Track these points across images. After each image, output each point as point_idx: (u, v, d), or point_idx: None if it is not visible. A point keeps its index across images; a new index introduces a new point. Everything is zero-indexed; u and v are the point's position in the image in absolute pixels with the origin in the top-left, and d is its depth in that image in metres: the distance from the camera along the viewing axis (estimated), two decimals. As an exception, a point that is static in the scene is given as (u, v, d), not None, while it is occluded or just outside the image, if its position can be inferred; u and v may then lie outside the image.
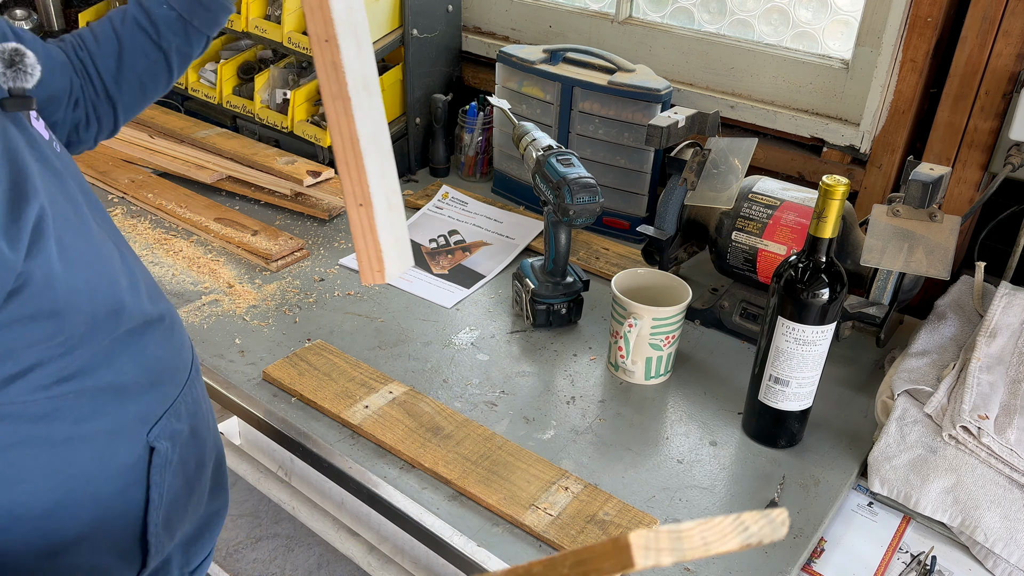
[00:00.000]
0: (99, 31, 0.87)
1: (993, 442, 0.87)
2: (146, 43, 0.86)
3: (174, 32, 0.86)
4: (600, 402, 1.03)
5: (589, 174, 1.08)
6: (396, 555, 1.07)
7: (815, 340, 0.87)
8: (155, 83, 0.90)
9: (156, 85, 0.90)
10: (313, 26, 0.72)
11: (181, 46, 0.87)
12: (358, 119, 0.74)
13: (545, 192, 1.11)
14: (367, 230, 0.77)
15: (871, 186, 1.23)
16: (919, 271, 0.96)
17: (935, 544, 0.86)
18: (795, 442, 0.96)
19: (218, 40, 1.73)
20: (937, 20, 1.10)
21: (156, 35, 0.86)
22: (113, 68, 0.87)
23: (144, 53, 0.86)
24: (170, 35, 0.86)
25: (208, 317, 1.16)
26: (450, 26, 1.59)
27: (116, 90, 0.88)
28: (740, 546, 0.39)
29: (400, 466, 0.91)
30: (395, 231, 0.80)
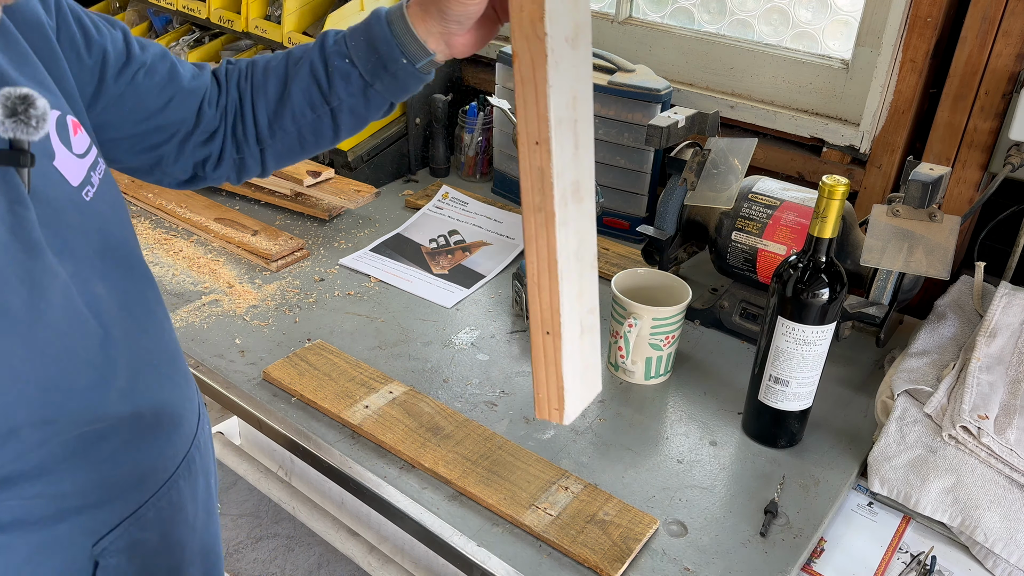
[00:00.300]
0: (270, 67, 0.79)
1: (993, 442, 0.87)
2: (315, 95, 0.76)
3: (350, 92, 0.76)
4: (600, 402, 1.03)
5: (589, 174, 1.08)
6: (396, 555, 1.07)
7: (815, 340, 0.87)
8: (316, 139, 0.80)
9: (317, 141, 0.80)
10: (524, 123, 0.61)
11: (356, 107, 0.77)
12: (560, 238, 0.64)
13: (545, 192, 1.11)
14: (550, 362, 0.68)
15: (871, 186, 1.24)
16: (919, 271, 0.96)
17: (935, 544, 0.86)
18: (795, 442, 0.96)
19: (218, 40, 1.73)
20: (937, 20, 1.10)
21: (328, 90, 0.76)
22: (271, 112, 0.79)
23: (310, 105, 0.77)
24: (344, 94, 0.76)
25: (208, 317, 1.16)
26: (450, 26, 1.59)
27: (269, 135, 0.80)
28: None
29: (400, 466, 0.91)
30: (584, 358, 0.71)
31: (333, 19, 1.41)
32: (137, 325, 0.66)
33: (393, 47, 0.73)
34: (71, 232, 0.59)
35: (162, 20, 1.84)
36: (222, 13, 1.56)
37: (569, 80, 0.62)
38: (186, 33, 1.79)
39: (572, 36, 0.62)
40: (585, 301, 0.70)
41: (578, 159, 0.65)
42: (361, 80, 0.75)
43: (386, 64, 0.74)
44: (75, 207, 0.60)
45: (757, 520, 0.86)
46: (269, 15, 1.55)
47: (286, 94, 0.78)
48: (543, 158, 0.61)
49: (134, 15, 1.86)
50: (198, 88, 0.79)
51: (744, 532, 0.84)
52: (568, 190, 0.64)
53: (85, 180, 0.62)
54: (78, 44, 0.68)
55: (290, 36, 1.47)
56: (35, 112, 0.52)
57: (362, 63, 0.74)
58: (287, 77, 0.78)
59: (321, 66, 0.76)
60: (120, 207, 0.68)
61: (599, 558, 0.79)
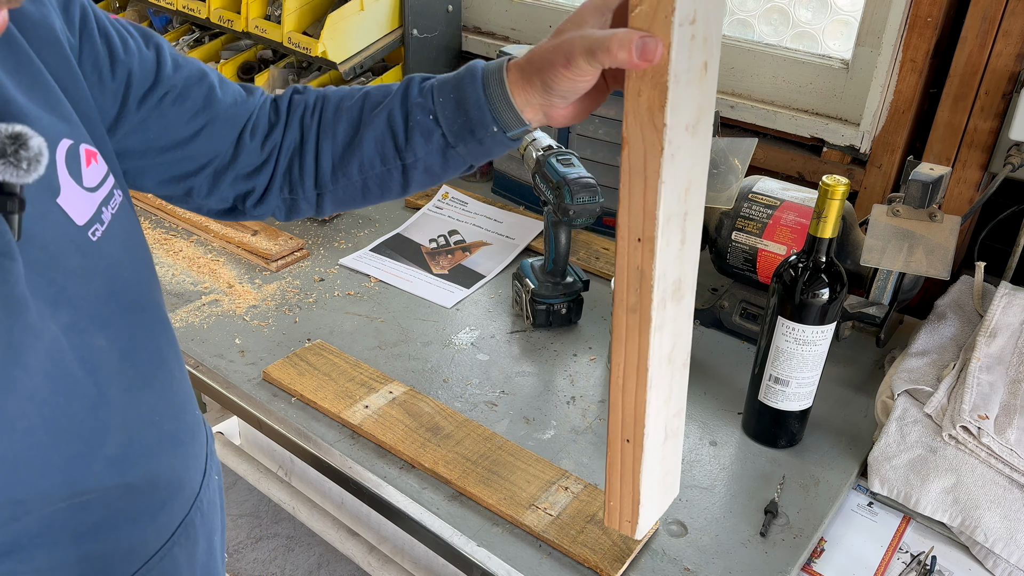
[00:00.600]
0: (343, 107, 0.72)
1: (993, 442, 0.87)
2: (389, 148, 0.69)
3: (429, 151, 0.68)
4: (600, 402, 1.03)
5: (589, 174, 1.08)
6: (396, 555, 1.07)
7: (815, 340, 0.87)
8: (382, 191, 0.73)
9: (383, 194, 0.73)
10: (627, 216, 0.55)
11: (432, 166, 0.69)
12: (654, 343, 0.58)
13: (545, 192, 1.11)
14: (627, 472, 0.64)
15: (871, 186, 1.23)
16: (919, 271, 0.96)
17: (935, 544, 0.86)
18: (795, 442, 0.96)
19: (218, 40, 1.73)
20: (937, 20, 1.10)
21: (404, 145, 0.69)
22: (337, 158, 0.71)
23: (382, 157, 0.70)
24: (422, 152, 0.68)
25: (208, 317, 1.16)
26: (450, 26, 1.59)
27: (331, 182, 0.73)
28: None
29: (400, 466, 0.91)
30: (665, 465, 0.66)
31: (333, 19, 1.41)
32: (140, 379, 0.60)
33: (485, 113, 0.65)
34: (70, 278, 0.54)
35: (162, 20, 1.84)
36: (222, 13, 1.56)
37: (684, 171, 0.56)
38: (186, 33, 1.79)
39: (694, 123, 0.56)
40: (673, 404, 0.65)
41: (683, 255, 0.59)
42: (443, 140, 0.67)
43: (474, 129, 0.66)
44: (77, 249, 0.54)
45: (757, 520, 0.86)
46: (269, 15, 1.55)
47: (357, 140, 0.70)
48: (645, 258, 0.55)
49: (134, 15, 1.86)
50: (238, 116, 0.72)
51: (744, 532, 0.84)
52: (669, 291, 0.58)
53: (94, 218, 0.56)
54: (101, 64, 0.62)
55: (290, 36, 1.47)
56: (26, 154, 0.47)
57: (447, 123, 0.67)
58: (360, 122, 0.70)
59: (401, 118, 0.68)
60: (135, 244, 0.62)
61: (599, 558, 0.79)
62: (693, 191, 0.57)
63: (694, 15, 0.52)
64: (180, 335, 1.11)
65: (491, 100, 0.64)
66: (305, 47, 1.45)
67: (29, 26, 0.55)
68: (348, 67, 1.44)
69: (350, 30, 1.44)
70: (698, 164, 0.57)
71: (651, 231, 0.55)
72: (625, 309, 0.58)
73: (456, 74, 0.67)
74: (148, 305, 0.62)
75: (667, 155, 0.53)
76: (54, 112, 0.55)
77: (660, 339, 0.59)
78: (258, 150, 0.72)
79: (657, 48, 0.51)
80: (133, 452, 0.59)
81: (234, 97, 0.72)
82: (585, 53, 0.57)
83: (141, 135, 0.67)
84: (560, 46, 0.59)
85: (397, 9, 1.49)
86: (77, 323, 0.54)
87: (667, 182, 0.54)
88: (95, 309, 0.56)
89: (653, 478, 0.65)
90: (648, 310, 0.57)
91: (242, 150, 0.72)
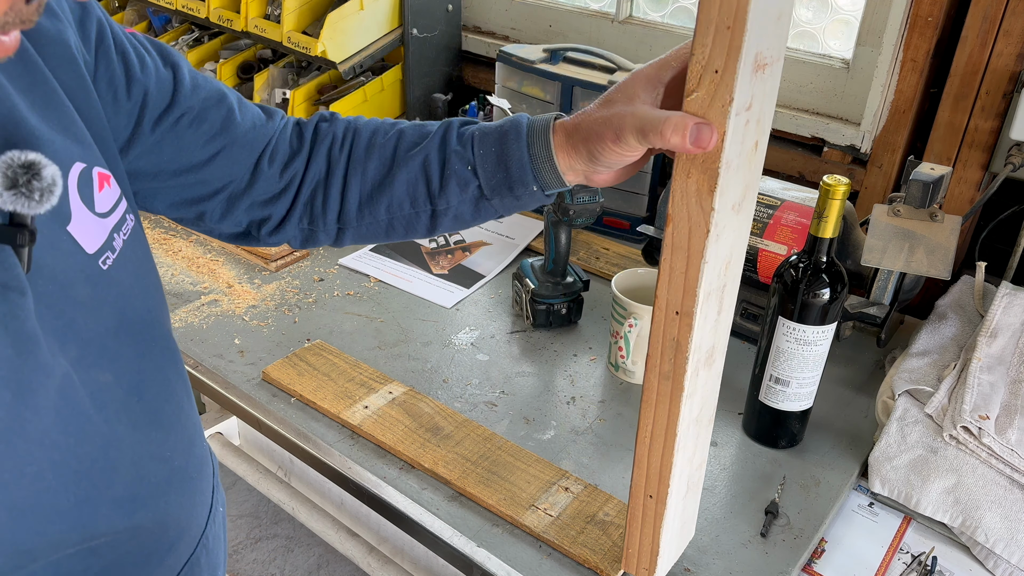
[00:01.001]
0: (375, 143, 0.69)
1: (994, 442, 0.86)
2: (421, 192, 0.68)
3: (462, 200, 0.67)
4: (600, 402, 1.02)
5: (589, 174, 1.08)
6: (396, 555, 1.07)
7: (816, 340, 0.87)
8: (406, 232, 0.71)
9: (407, 234, 0.71)
10: (666, 289, 0.56)
11: (463, 215, 0.68)
12: (684, 410, 0.59)
13: (545, 192, 1.11)
14: (648, 524, 0.65)
15: (872, 186, 1.23)
16: (920, 271, 0.96)
17: (936, 544, 0.85)
18: (796, 442, 0.96)
19: (217, 40, 1.73)
20: (938, 20, 1.10)
21: (438, 192, 0.67)
22: (365, 196, 0.69)
23: (412, 200, 0.68)
24: (455, 200, 0.67)
25: (207, 317, 1.15)
26: (450, 26, 1.59)
27: (355, 219, 0.71)
28: None
29: (400, 466, 0.91)
30: (684, 515, 0.68)
31: (332, 18, 1.41)
32: (148, 414, 0.58)
33: (527, 172, 0.63)
34: (79, 310, 0.52)
35: (161, 19, 1.84)
36: (221, 12, 1.56)
37: (727, 247, 0.56)
38: (185, 32, 1.79)
39: (740, 201, 0.56)
40: (696, 460, 0.66)
41: (718, 325, 0.60)
42: (478, 192, 0.66)
43: (513, 186, 0.64)
44: (87, 280, 0.52)
45: (758, 521, 0.86)
46: (268, 14, 1.55)
47: (388, 181, 0.68)
48: (682, 331, 0.56)
49: (133, 14, 1.86)
50: (256, 141, 0.69)
51: (744, 533, 0.84)
52: (702, 360, 0.59)
53: (105, 245, 0.54)
54: (117, 83, 0.60)
55: (289, 35, 1.47)
56: (39, 184, 0.45)
57: (486, 177, 0.65)
58: (394, 162, 0.68)
59: (438, 164, 0.66)
60: (146, 272, 0.60)
61: (599, 558, 0.79)
62: (733, 263, 0.58)
63: (751, 101, 0.52)
64: (179, 335, 1.11)
65: (535, 160, 0.63)
66: (304, 46, 1.45)
67: (44, 42, 0.53)
68: (348, 66, 1.44)
69: (350, 29, 1.44)
70: (740, 237, 0.58)
71: (690, 307, 0.55)
72: (658, 375, 0.58)
73: (500, 127, 0.65)
74: (157, 336, 0.60)
75: (712, 236, 0.53)
76: (67, 133, 0.53)
77: (691, 405, 0.60)
78: (276, 177, 0.70)
79: (712, 136, 0.51)
80: (143, 492, 0.57)
81: (253, 121, 0.70)
82: (636, 132, 0.56)
83: (154, 157, 0.64)
84: (610, 120, 0.58)
85: (397, 8, 1.49)
86: (85, 357, 0.52)
87: (710, 261, 0.54)
88: (104, 342, 0.54)
89: (672, 530, 0.67)
90: (682, 380, 0.57)
91: (259, 176, 0.70)
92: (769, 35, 0.51)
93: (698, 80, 0.51)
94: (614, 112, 0.58)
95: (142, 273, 0.59)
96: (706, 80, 0.50)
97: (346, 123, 0.72)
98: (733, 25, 0.48)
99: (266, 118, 0.71)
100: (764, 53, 0.51)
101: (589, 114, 0.61)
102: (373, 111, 1.53)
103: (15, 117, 0.49)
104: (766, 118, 0.56)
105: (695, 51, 0.50)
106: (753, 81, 0.51)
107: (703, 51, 0.50)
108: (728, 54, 0.49)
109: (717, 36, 0.49)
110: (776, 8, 0.50)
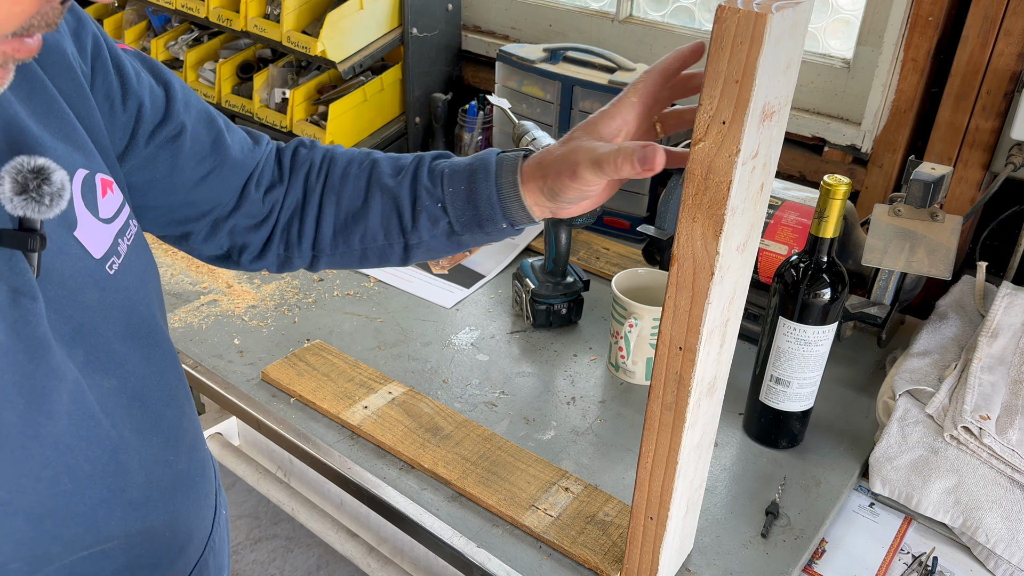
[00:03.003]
0: (350, 173, 0.71)
1: (995, 443, 0.86)
2: (394, 226, 0.69)
3: (434, 235, 0.69)
4: (600, 402, 1.02)
5: (589, 174, 1.07)
6: (396, 556, 1.07)
7: (816, 340, 0.87)
8: (380, 261, 0.72)
9: (380, 263, 0.73)
10: (669, 325, 0.56)
11: (435, 248, 0.70)
12: (686, 439, 0.60)
13: (545, 192, 1.11)
14: (648, 544, 0.67)
15: (872, 186, 1.23)
16: (920, 271, 0.96)
17: (936, 545, 0.85)
18: (796, 443, 0.96)
19: (217, 39, 1.72)
20: (938, 19, 1.10)
21: (410, 226, 0.69)
22: (339, 225, 0.71)
23: (385, 232, 0.70)
24: (427, 235, 0.69)
25: (207, 317, 1.15)
26: (450, 25, 1.58)
27: (330, 247, 0.72)
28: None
29: (399, 467, 0.91)
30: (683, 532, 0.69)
31: (332, 18, 1.41)
32: (150, 419, 0.58)
33: (496, 210, 0.65)
34: (88, 315, 0.52)
35: (161, 19, 1.84)
36: (221, 12, 1.56)
37: (730, 286, 0.57)
38: (185, 32, 1.79)
39: (744, 242, 0.56)
40: (696, 481, 0.67)
41: (720, 358, 0.60)
42: (449, 228, 0.68)
43: (483, 223, 0.67)
44: (95, 284, 0.53)
45: (758, 521, 0.85)
46: (268, 14, 1.55)
47: (362, 212, 0.69)
48: (685, 366, 0.56)
49: (132, 14, 1.86)
50: (245, 164, 0.70)
51: (745, 533, 0.84)
52: (704, 391, 0.59)
53: (111, 250, 0.54)
54: (113, 94, 0.60)
55: (289, 35, 1.47)
56: (49, 189, 0.45)
57: (456, 214, 0.67)
58: (368, 194, 0.70)
59: (409, 200, 0.68)
60: (149, 277, 0.61)
61: (599, 559, 0.78)
62: (736, 300, 0.59)
63: (757, 149, 0.52)
64: (179, 335, 1.11)
65: (503, 199, 0.65)
66: (304, 46, 1.45)
67: (43, 51, 0.52)
68: (347, 66, 1.44)
69: (349, 29, 1.44)
70: (743, 276, 0.59)
71: (693, 343, 0.56)
72: (660, 405, 0.59)
73: (469, 165, 0.67)
74: (159, 340, 0.60)
75: (717, 278, 0.54)
76: (69, 141, 0.53)
77: (692, 434, 0.61)
78: (261, 202, 0.71)
79: (657, 157, 0.54)
80: (153, 495, 0.58)
81: (241, 144, 0.70)
82: (591, 166, 0.58)
83: (148, 172, 0.64)
84: (567, 157, 0.61)
85: (396, 8, 1.49)
86: (91, 362, 0.53)
87: (714, 302, 0.55)
88: (111, 346, 0.54)
89: (671, 548, 0.68)
90: (683, 412, 0.58)
91: (246, 200, 0.70)
92: (778, 85, 0.51)
93: (705, 130, 0.51)
94: (571, 148, 0.61)
95: (146, 278, 0.60)
96: (713, 130, 0.50)
97: (324, 151, 0.73)
98: (742, 79, 0.48)
99: (253, 143, 0.72)
100: (772, 102, 0.51)
101: (551, 151, 0.63)
102: (373, 111, 1.53)
103: (18, 124, 0.49)
104: (772, 161, 0.56)
105: (703, 102, 0.50)
106: (760, 130, 0.51)
107: (711, 102, 0.50)
108: (736, 106, 0.49)
109: (725, 89, 0.49)
110: (785, 59, 0.50)
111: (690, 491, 0.67)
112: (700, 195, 0.52)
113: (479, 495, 0.86)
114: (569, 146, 0.61)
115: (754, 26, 0.46)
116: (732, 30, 0.47)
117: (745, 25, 0.46)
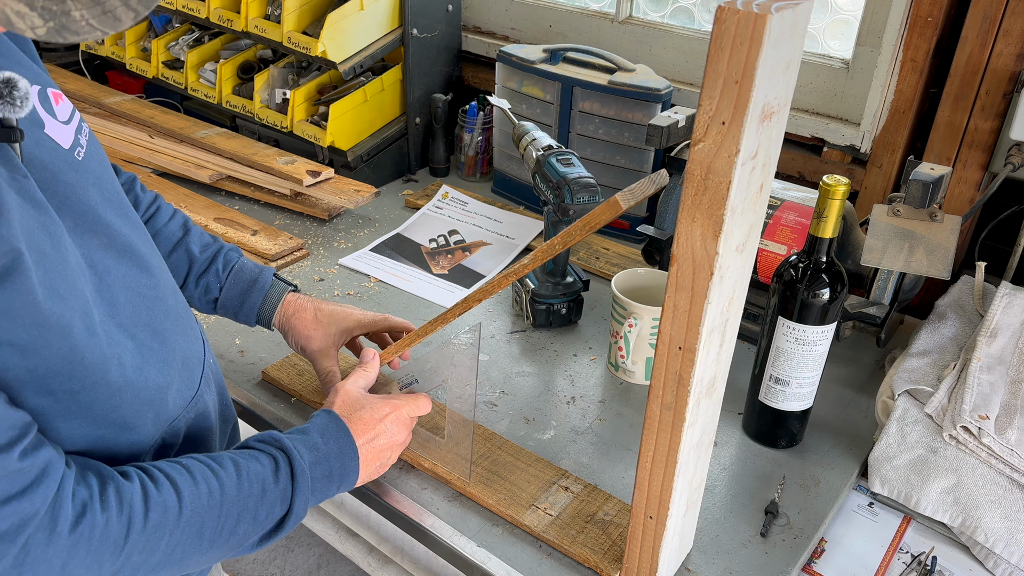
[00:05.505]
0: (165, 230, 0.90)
1: (993, 442, 0.86)
2: (180, 276, 0.91)
3: (202, 299, 0.92)
4: (600, 402, 1.02)
5: (589, 174, 1.08)
6: (396, 555, 1.07)
7: (815, 340, 0.87)
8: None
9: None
10: (669, 325, 0.56)
11: (196, 304, 0.93)
12: (686, 438, 0.60)
13: (545, 192, 1.11)
14: (648, 544, 0.68)
15: (871, 186, 1.23)
16: (919, 271, 0.96)
17: (935, 544, 0.85)
18: (795, 442, 0.96)
19: (217, 40, 1.73)
20: (937, 20, 1.10)
21: (193, 284, 0.91)
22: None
23: (174, 274, 0.90)
24: (198, 295, 0.92)
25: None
26: (450, 26, 1.59)
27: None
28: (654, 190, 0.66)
29: (400, 466, 0.91)
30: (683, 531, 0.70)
31: (332, 18, 1.41)
32: (138, 265, 0.70)
33: (252, 315, 0.93)
34: (69, 189, 0.64)
35: (162, 20, 1.84)
36: (222, 12, 1.56)
37: (730, 286, 0.57)
38: (185, 32, 1.79)
39: (743, 242, 0.56)
40: (696, 481, 0.67)
41: (720, 358, 0.60)
42: (214, 302, 0.93)
43: (237, 315, 0.94)
44: (70, 167, 0.65)
45: (758, 520, 0.86)
46: (269, 14, 1.55)
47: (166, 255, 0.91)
48: (684, 366, 0.57)
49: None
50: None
51: (745, 532, 0.84)
52: (704, 391, 0.60)
53: (75, 143, 0.67)
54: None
55: (289, 36, 1.47)
56: (18, 93, 0.57)
57: (224, 299, 0.92)
58: (175, 247, 0.91)
59: (200, 269, 0.91)
60: (107, 164, 0.73)
61: (599, 558, 0.79)
62: (735, 299, 0.59)
63: (756, 149, 0.52)
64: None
65: (261, 313, 0.93)
66: (305, 47, 1.45)
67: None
68: (348, 67, 1.44)
69: (350, 30, 1.44)
70: (743, 276, 0.58)
71: (693, 343, 0.56)
72: (660, 405, 0.60)
73: (253, 276, 0.93)
74: (128, 210, 0.72)
75: (716, 278, 0.54)
76: (19, 66, 0.64)
77: (692, 434, 0.61)
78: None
79: (374, 359, 0.90)
80: (181, 327, 0.74)
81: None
82: (317, 369, 0.93)
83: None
84: (305, 350, 0.93)
85: (397, 8, 1.49)
86: (80, 225, 0.64)
87: (713, 301, 0.55)
88: (95, 212, 0.65)
89: (671, 547, 0.68)
90: (683, 411, 0.59)
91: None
92: (777, 85, 0.51)
93: (705, 130, 0.51)
94: (309, 349, 0.93)
95: (104, 165, 0.72)
96: (712, 131, 0.50)
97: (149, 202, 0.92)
98: (741, 80, 0.48)
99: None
100: (772, 103, 0.51)
101: (301, 319, 0.93)
102: (373, 111, 1.53)
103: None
104: (772, 161, 0.56)
105: (702, 102, 0.50)
106: (760, 130, 0.51)
107: (710, 103, 0.50)
108: (735, 107, 0.49)
109: (725, 89, 0.49)
110: (785, 59, 0.50)
111: (689, 490, 0.68)
112: (700, 195, 0.52)
113: (479, 494, 0.86)
114: (308, 343, 0.92)
115: (754, 27, 0.46)
116: (732, 31, 0.47)
117: (745, 26, 0.47)
